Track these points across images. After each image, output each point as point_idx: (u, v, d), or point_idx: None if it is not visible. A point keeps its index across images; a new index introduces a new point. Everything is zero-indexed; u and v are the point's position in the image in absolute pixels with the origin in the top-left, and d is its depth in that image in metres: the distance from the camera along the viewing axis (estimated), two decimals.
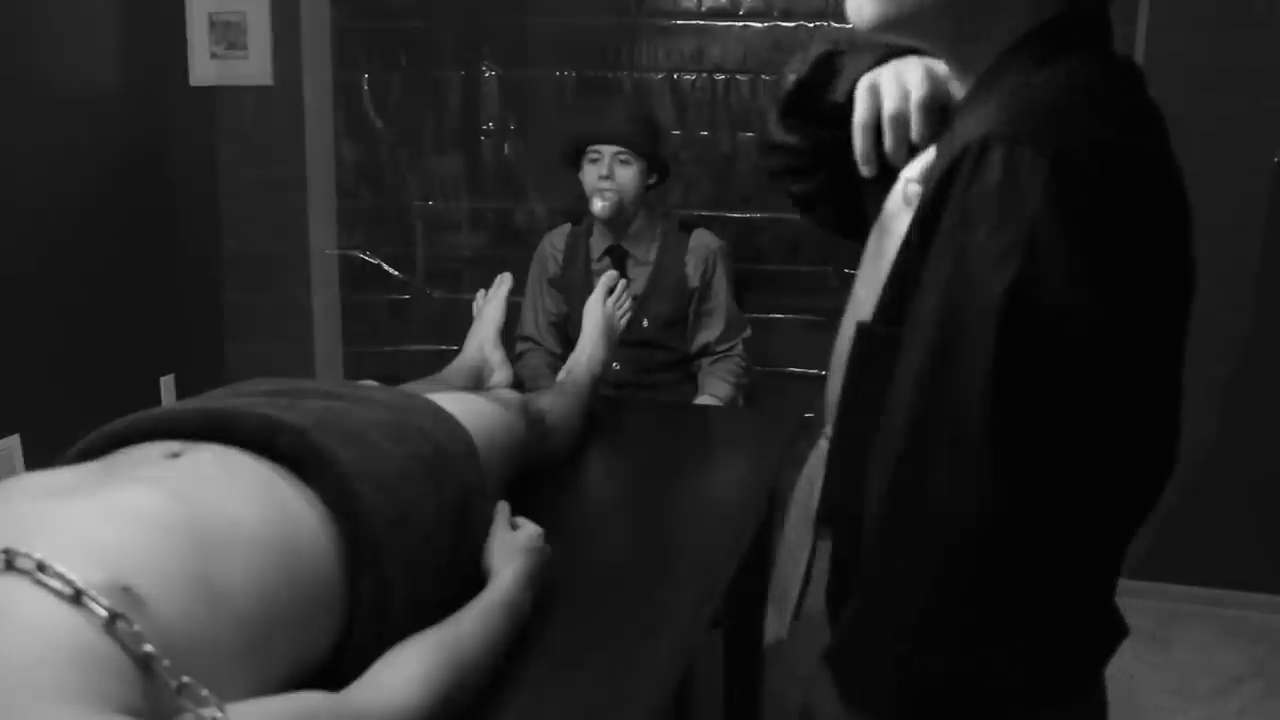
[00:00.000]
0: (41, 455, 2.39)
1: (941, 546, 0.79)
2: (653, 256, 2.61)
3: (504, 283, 2.21)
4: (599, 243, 2.64)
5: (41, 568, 0.78)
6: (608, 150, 2.51)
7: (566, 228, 2.72)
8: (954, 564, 0.79)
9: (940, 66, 0.99)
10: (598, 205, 2.52)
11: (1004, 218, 0.74)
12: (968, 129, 0.81)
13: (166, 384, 3.08)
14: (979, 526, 0.77)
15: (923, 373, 0.78)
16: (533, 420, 1.67)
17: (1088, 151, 0.76)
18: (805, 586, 1.08)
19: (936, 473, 0.78)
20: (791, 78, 1.11)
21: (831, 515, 1.00)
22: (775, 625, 1.12)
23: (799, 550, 1.07)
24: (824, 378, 1.10)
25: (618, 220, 2.57)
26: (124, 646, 0.77)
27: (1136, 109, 0.85)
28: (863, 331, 0.91)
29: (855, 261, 1.10)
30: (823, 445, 1.04)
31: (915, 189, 0.94)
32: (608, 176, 2.51)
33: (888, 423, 0.82)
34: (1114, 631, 0.89)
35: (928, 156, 0.94)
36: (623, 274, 2.49)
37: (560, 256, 2.69)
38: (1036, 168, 0.74)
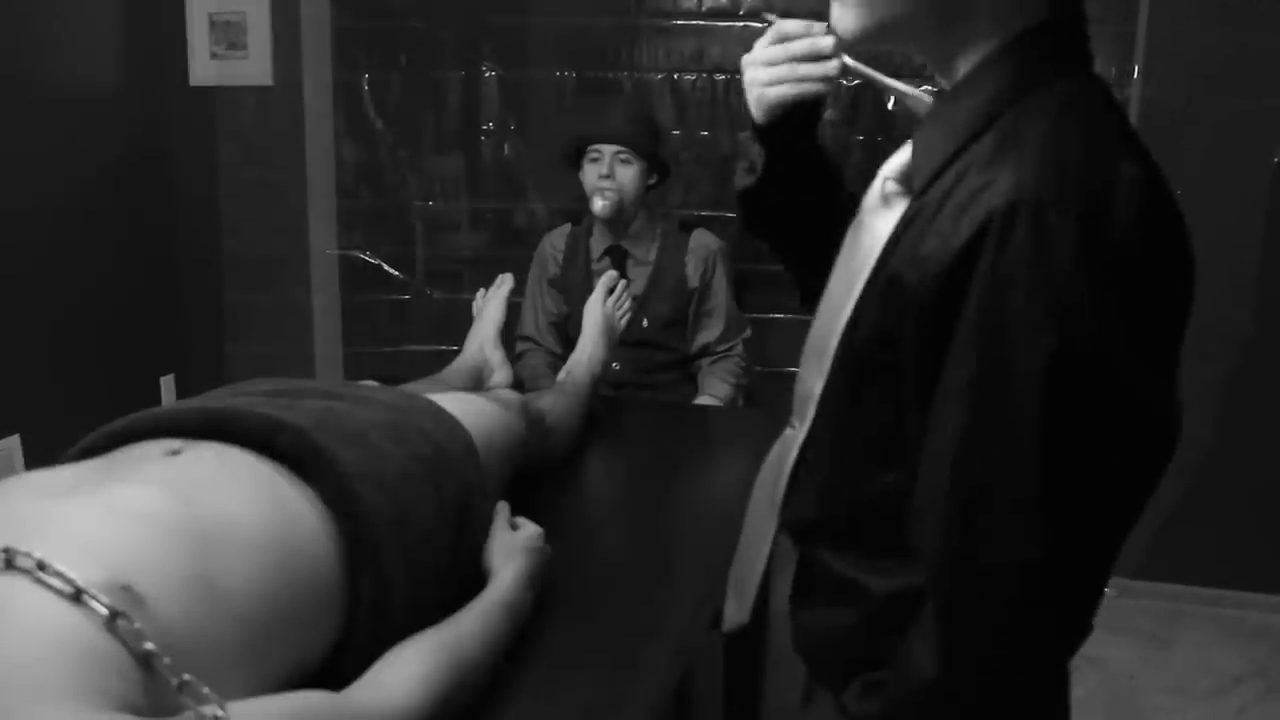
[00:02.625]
0: (41, 455, 2.39)
1: (1004, 606, 0.81)
2: (652, 256, 2.61)
3: (505, 283, 2.21)
4: (599, 243, 2.64)
5: (41, 566, 0.78)
6: (608, 150, 2.51)
7: (566, 228, 2.72)
8: (1014, 620, 0.81)
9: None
10: (598, 204, 2.52)
11: (1037, 284, 0.76)
12: (979, 180, 0.82)
13: (166, 384, 3.08)
14: (1031, 572, 0.79)
15: (966, 441, 0.80)
16: (533, 420, 1.67)
17: (1111, 201, 0.77)
18: (767, 576, 1.08)
19: (992, 533, 0.80)
20: (748, 180, 1.15)
21: (795, 524, 1.02)
22: (736, 612, 1.12)
23: (761, 538, 1.07)
24: None
25: (618, 220, 2.57)
26: (124, 644, 0.77)
27: (1126, 130, 0.86)
28: (843, 349, 0.93)
29: None
30: (789, 435, 1.04)
31: (893, 186, 0.94)
32: (608, 176, 2.51)
33: (925, 488, 0.84)
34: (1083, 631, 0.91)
35: (904, 154, 0.95)
36: (622, 274, 2.49)
37: (560, 257, 2.69)
38: (1064, 230, 0.76)
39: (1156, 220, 0.79)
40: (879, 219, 0.94)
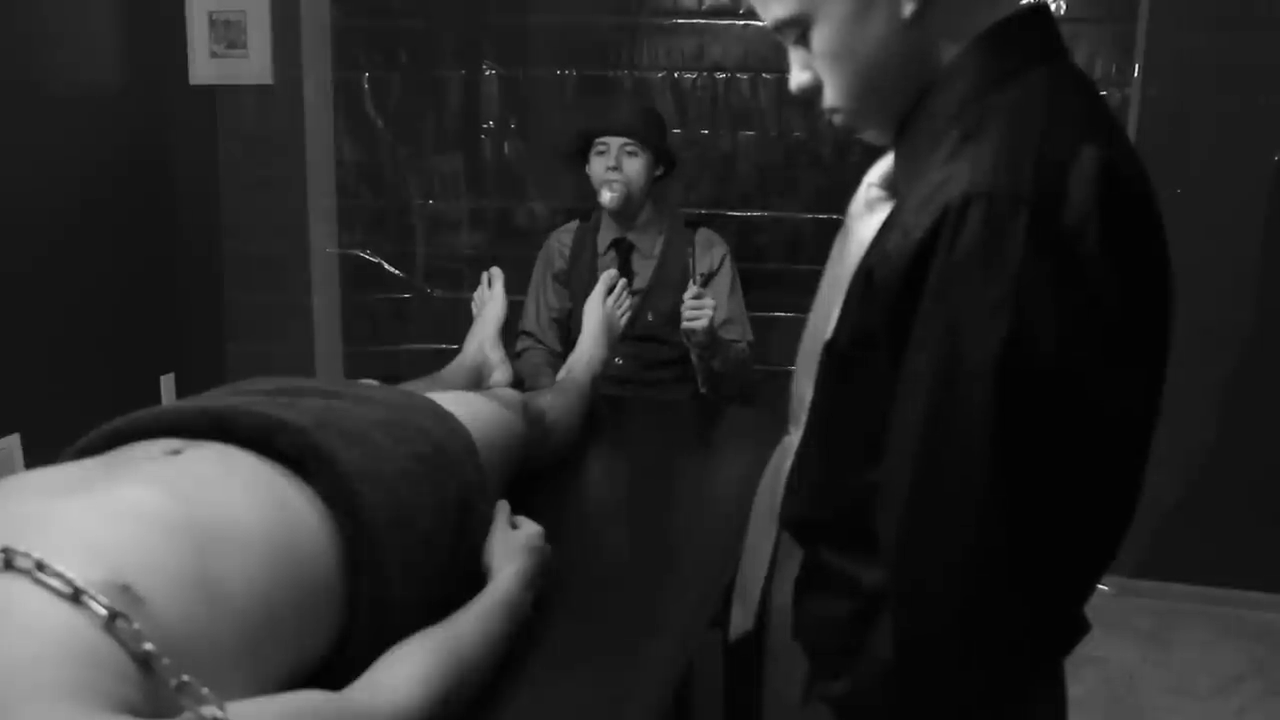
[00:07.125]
0: (41, 455, 2.38)
1: (957, 600, 0.81)
2: (658, 250, 2.62)
3: (497, 277, 2.21)
4: (605, 235, 2.65)
5: (40, 566, 0.78)
6: (615, 142, 2.51)
7: (574, 224, 2.72)
8: (968, 609, 0.81)
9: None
10: (606, 196, 2.52)
11: (989, 273, 0.76)
12: (940, 174, 0.82)
13: (167, 383, 3.08)
14: (983, 561, 0.79)
15: (923, 428, 0.80)
16: (533, 419, 1.67)
17: (1065, 192, 0.77)
18: (769, 580, 1.09)
19: (945, 523, 0.80)
20: None
21: (792, 524, 1.02)
22: (740, 620, 1.13)
23: (763, 545, 1.07)
24: None
25: (625, 212, 2.57)
26: (123, 644, 0.77)
27: (1094, 114, 0.86)
28: (827, 352, 0.93)
29: None
30: (786, 442, 1.05)
31: (877, 192, 0.96)
32: (616, 168, 2.51)
33: (889, 478, 0.84)
34: (1076, 629, 0.91)
35: (888, 161, 0.96)
36: (628, 268, 2.50)
37: (567, 252, 2.69)
38: (1015, 221, 0.76)
39: (1118, 205, 0.78)
40: (864, 224, 0.95)
